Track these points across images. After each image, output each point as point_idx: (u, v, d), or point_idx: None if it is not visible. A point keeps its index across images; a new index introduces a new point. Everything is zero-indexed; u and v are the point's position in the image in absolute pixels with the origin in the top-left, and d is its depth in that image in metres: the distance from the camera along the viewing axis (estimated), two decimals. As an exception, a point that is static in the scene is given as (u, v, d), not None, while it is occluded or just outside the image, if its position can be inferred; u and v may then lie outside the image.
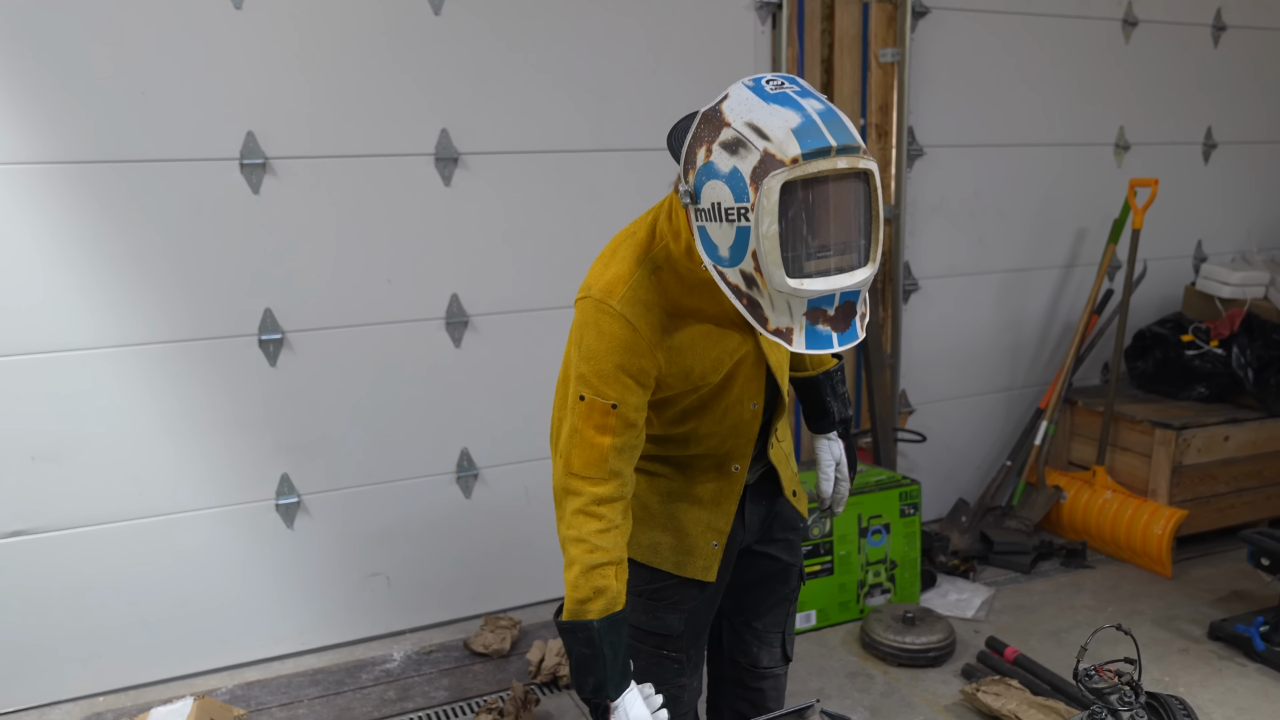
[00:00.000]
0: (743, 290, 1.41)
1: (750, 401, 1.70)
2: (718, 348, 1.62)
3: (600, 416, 1.54)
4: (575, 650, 1.56)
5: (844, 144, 1.34)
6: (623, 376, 1.53)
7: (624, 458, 1.57)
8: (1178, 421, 3.72)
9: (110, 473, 2.87)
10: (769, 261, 1.33)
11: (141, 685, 3.00)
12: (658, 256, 1.56)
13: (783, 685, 2.00)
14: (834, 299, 1.37)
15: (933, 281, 3.95)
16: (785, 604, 1.95)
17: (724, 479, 1.77)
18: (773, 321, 1.39)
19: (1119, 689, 1.74)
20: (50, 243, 2.71)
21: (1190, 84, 4.30)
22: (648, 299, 1.54)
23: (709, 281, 1.52)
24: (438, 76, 3.04)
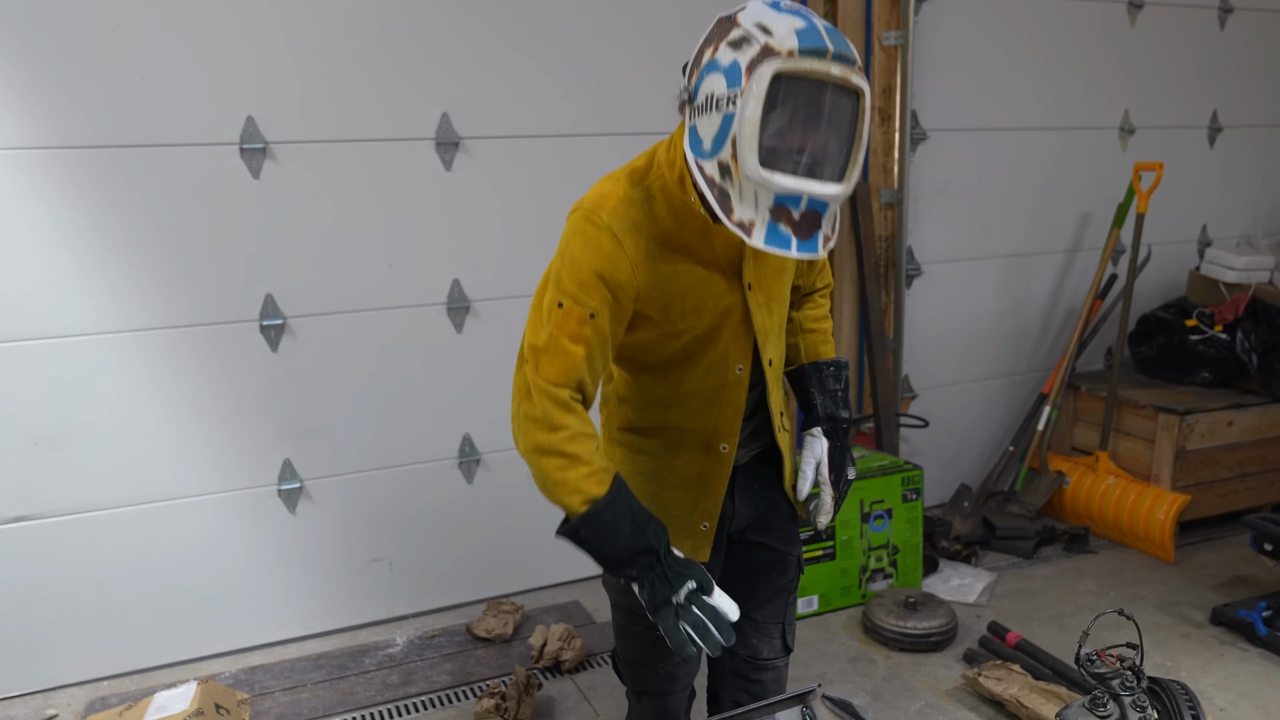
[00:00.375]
0: (716, 182, 1.41)
1: (736, 364, 1.68)
2: (701, 289, 1.61)
3: (576, 325, 1.54)
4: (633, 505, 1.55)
5: (841, 52, 1.36)
6: (602, 287, 1.54)
7: (593, 372, 1.58)
8: (1181, 406, 3.71)
9: (112, 458, 2.88)
10: (745, 146, 1.34)
11: (145, 670, 3.01)
12: (652, 185, 1.58)
13: (783, 677, 1.98)
14: (800, 201, 1.37)
15: (936, 266, 3.93)
16: (784, 594, 1.91)
17: (711, 458, 1.74)
18: (737, 213, 1.39)
19: (1121, 674, 1.74)
20: (51, 228, 2.71)
21: (1196, 67, 4.27)
22: (636, 219, 1.55)
23: (700, 218, 1.55)
24: (439, 60, 3.02)
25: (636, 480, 1.76)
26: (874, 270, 3.75)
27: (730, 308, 1.64)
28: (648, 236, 1.56)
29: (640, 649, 1.89)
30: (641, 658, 1.91)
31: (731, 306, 1.64)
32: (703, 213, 1.55)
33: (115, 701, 2.84)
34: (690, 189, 1.54)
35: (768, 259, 1.66)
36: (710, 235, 1.58)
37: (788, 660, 1.99)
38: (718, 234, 1.59)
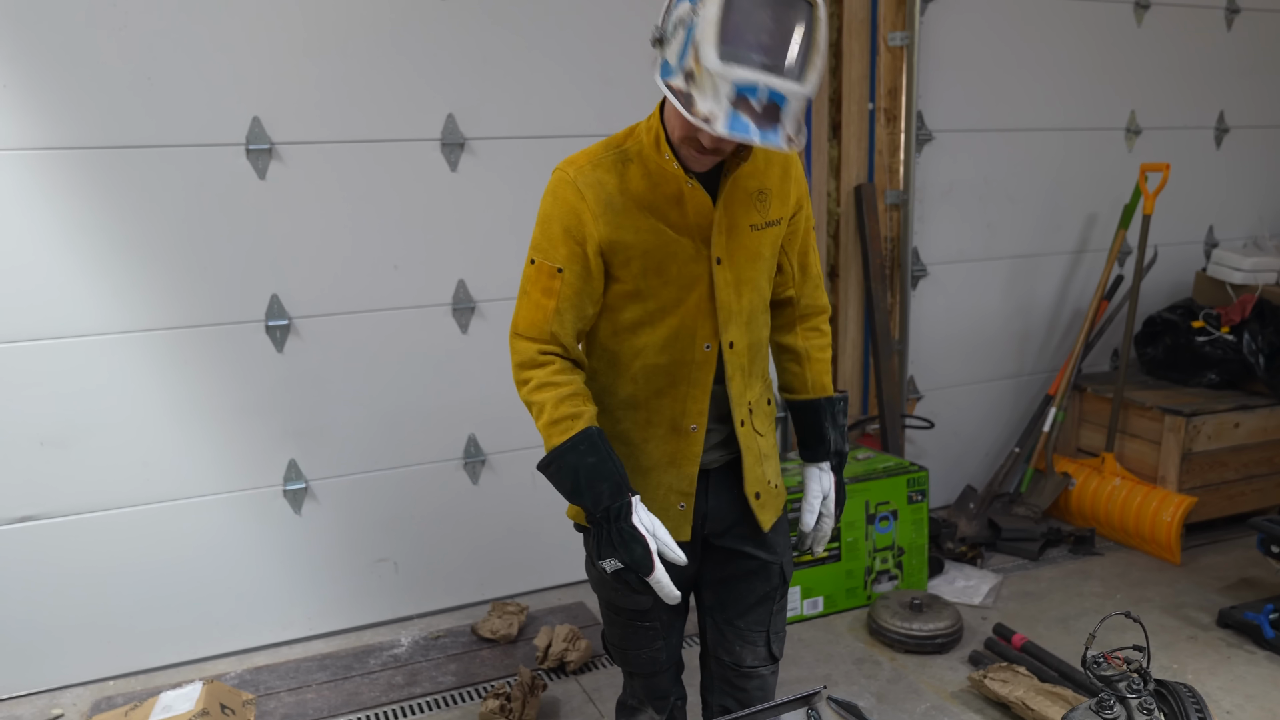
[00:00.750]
0: (682, 90, 1.46)
1: (703, 342, 1.71)
2: (665, 251, 1.66)
3: (546, 279, 1.65)
4: (580, 462, 1.61)
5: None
6: (569, 241, 1.63)
7: (565, 326, 1.66)
8: (1188, 408, 3.70)
9: (118, 458, 2.88)
10: (705, 42, 1.40)
11: (151, 670, 3.02)
12: (629, 149, 1.66)
13: (770, 685, 1.95)
14: (759, 92, 1.41)
15: (941, 267, 3.93)
16: (768, 602, 1.89)
17: (680, 439, 1.76)
18: (701, 107, 1.43)
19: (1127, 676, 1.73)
20: (58, 229, 2.71)
21: (1203, 67, 4.26)
22: (604, 177, 1.64)
23: (674, 181, 1.63)
24: (444, 61, 3.02)
25: None
26: (879, 271, 3.74)
27: (697, 279, 1.68)
28: (613, 192, 1.64)
29: (622, 635, 1.92)
30: (624, 642, 1.94)
31: (698, 278, 1.68)
32: (676, 171, 1.61)
33: (121, 701, 2.84)
34: (665, 148, 1.61)
35: (741, 239, 1.69)
36: (683, 202, 1.64)
37: (775, 669, 1.96)
38: (689, 200, 1.64)
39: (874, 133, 3.70)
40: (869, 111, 3.68)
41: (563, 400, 1.63)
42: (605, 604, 1.93)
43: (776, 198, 1.73)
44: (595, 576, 1.91)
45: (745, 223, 1.70)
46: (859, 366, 3.88)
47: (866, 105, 3.67)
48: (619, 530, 1.58)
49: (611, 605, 1.90)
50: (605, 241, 1.64)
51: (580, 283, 1.65)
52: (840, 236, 3.73)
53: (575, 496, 1.63)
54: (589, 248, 1.64)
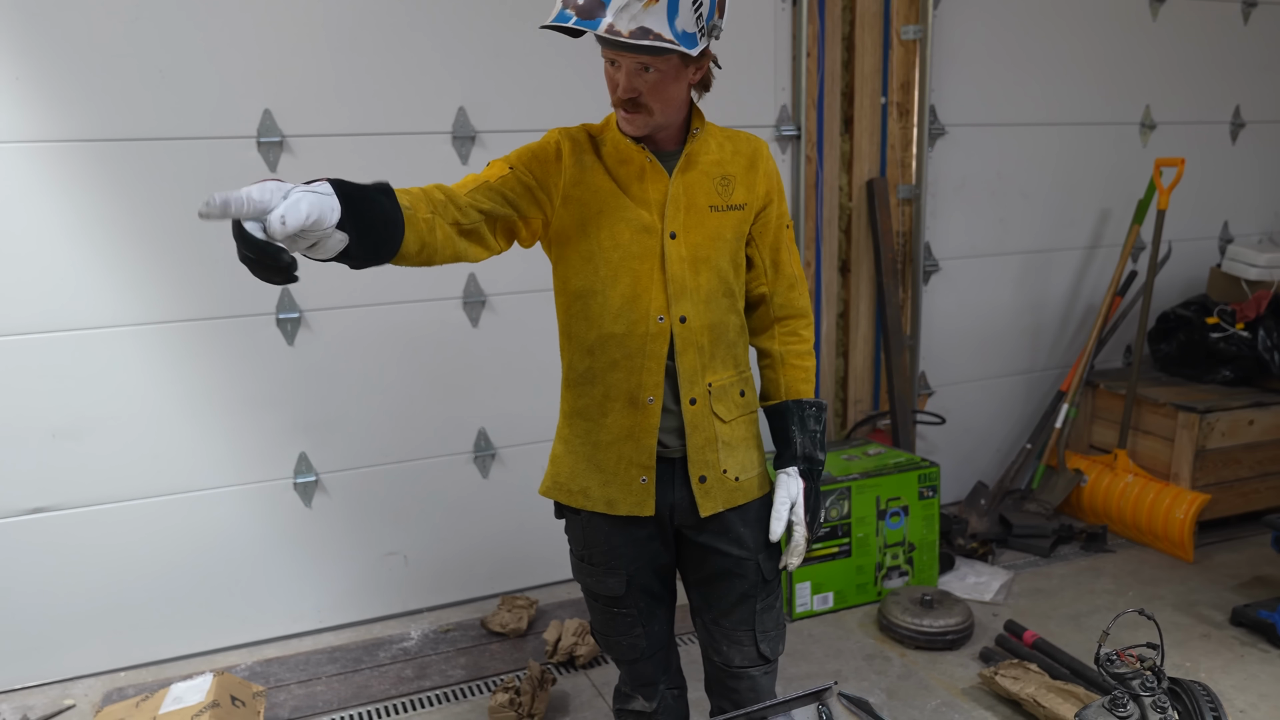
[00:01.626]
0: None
1: (656, 314, 1.73)
2: (619, 215, 1.73)
3: (499, 166, 1.73)
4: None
5: None
6: (533, 161, 1.73)
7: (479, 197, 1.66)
8: (1201, 405, 3.67)
9: (130, 451, 2.89)
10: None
11: (162, 661, 3.03)
12: (604, 133, 1.78)
13: (763, 686, 1.93)
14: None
15: (953, 262, 3.91)
16: (749, 601, 1.86)
17: (638, 412, 1.76)
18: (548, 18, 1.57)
19: (1141, 674, 1.72)
20: (70, 221, 2.72)
21: (1219, 62, 4.23)
22: (584, 142, 1.76)
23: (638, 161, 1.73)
24: (455, 54, 3.02)
25: (575, 443, 1.83)
26: (891, 266, 3.73)
27: (649, 251, 1.73)
28: (589, 156, 1.75)
29: (603, 621, 1.94)
30: (605, 629, 1.95)
31: (650, 250, 1.73)
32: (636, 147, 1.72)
33: (132, 692, 2.85)
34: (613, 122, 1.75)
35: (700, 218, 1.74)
36: (644, 178, 1.73)
37: (769, 669, 1.94)
38: (650, 176, 1.73)
39: (886, 127, 3.69)
40: (881, 106, 3.66)
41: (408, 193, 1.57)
42: (584, 590, 1.95)
43: (741, 185, 1.78)
44: (574, 563, 1.95)
45: (705, 203, 1.75)
46: (870, 362, 3.86)
47: (879, 99, 3.65)
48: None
49: (589, 591, 1.93)
50: (566, 189, 1.73)
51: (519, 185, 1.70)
52: (852, 231, 3.71)
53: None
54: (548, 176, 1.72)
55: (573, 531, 1.91)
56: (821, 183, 3.61)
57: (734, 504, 1.83)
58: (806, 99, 3.52)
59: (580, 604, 3.32)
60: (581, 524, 1.86)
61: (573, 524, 1.90)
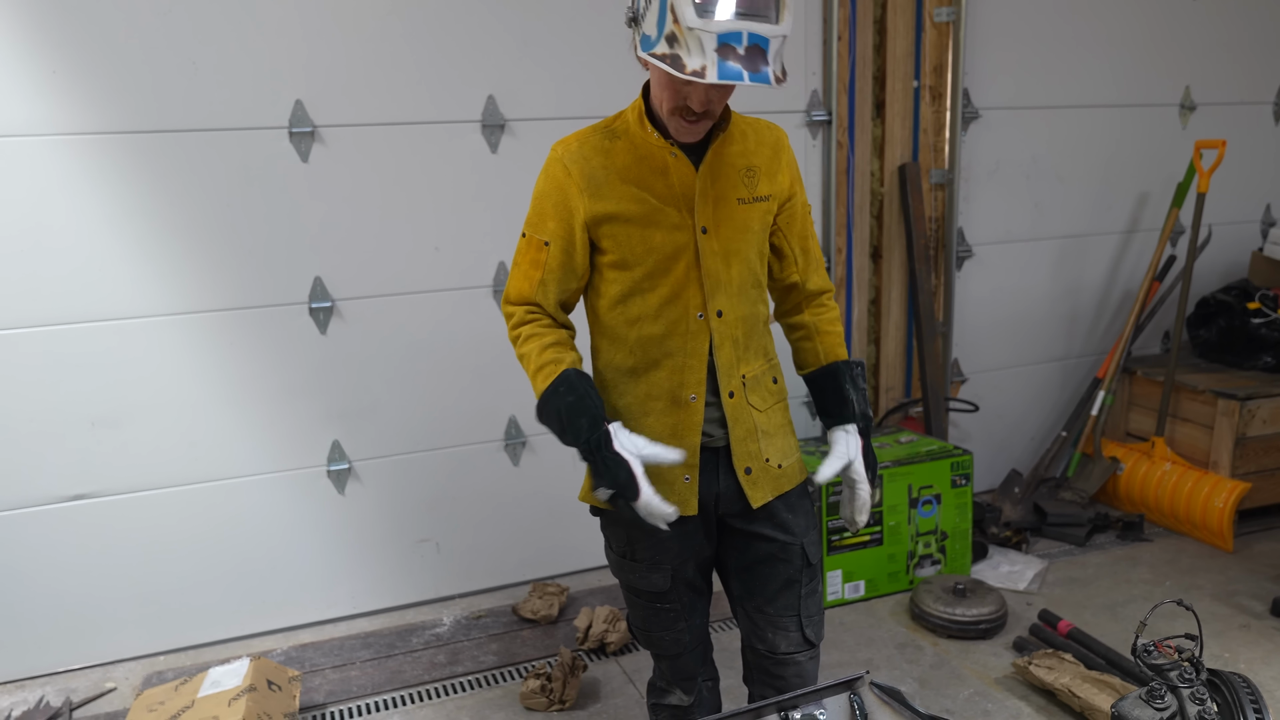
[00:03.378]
0: (667, 54, 1.52)
1: (695, 310, 1.73)
2: (651, 221, 1.71)
3: (535, 252, 1.75)
4: (560, 403, 1.68)
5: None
6: (557, 216, 1.73)
7: (549, 294, 1.76)
8: (1242, 392, 3.61)
9: (167, 438, 2.93)
10: (682, 4, 1.47)
11: (199, 645, 3.08)
12: (617, 128, 1.75)
13: (809, 671, 1.92)
14: (741, 38, 1.49)
15: (987, 248, 3.86)
16: (794, 586, 1.85)
17: (680, 410, 1.76)
18: (689, 64, 1.49)
19: (1179, 665, 1.69)
20: (106, 212, 2.76)
21: (1260, 41, 4.13)
22: (591, 155, 1.72)
23: (659, 155, 1.70)
24: (484, 43, 3.02)
25: None
26: (923, 252, 3.69)
27: (683, 248, 1.72)
28: (598, 168, 1.71)
29: (644, 617, 1.93)
30: (646, 624, 1.94)
31: (684, 247, 1.72)
32: (659, 142, 1.69)
33: (171, 676, 2.91)
34: (648, 125, 1.69)
35: (728, 210, 1.73)
36: (668, 174, 1.71)
37: (814, 654, 1.93)
38: (674, 171, 1.70)
39: (919, 111, 3.64)
40: (914, 89, 3.62)
41: (546, 349, 1.72)
42: (625, 587, 1.94)
43: (765, 175, 1.77)
44: (614, 561, 1.93)
45: (732, 195, 1.74)
46: (902, 349, 3.83)
47: (911, 83, 3.61)
48: (603, 459, 1.64)
49: (630, 588, 1.91)
50: (590, 215, 1.71)
51: (565, 256, 1.73)
52: (883, 217, 3.68)
53: (564, 437, 1.68)
54: (575, 222, 1.72)
55: (612, 530, 1.90)
56: (853, 168, 3.58)
57: (781, 490, 1.84)
58: (838, 83, 3.48)
59: (611, 591, 3.33)
60: (624, 522, 1.82)
61: (613, 522, 1.88)
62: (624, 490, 1.63)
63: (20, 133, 2.64)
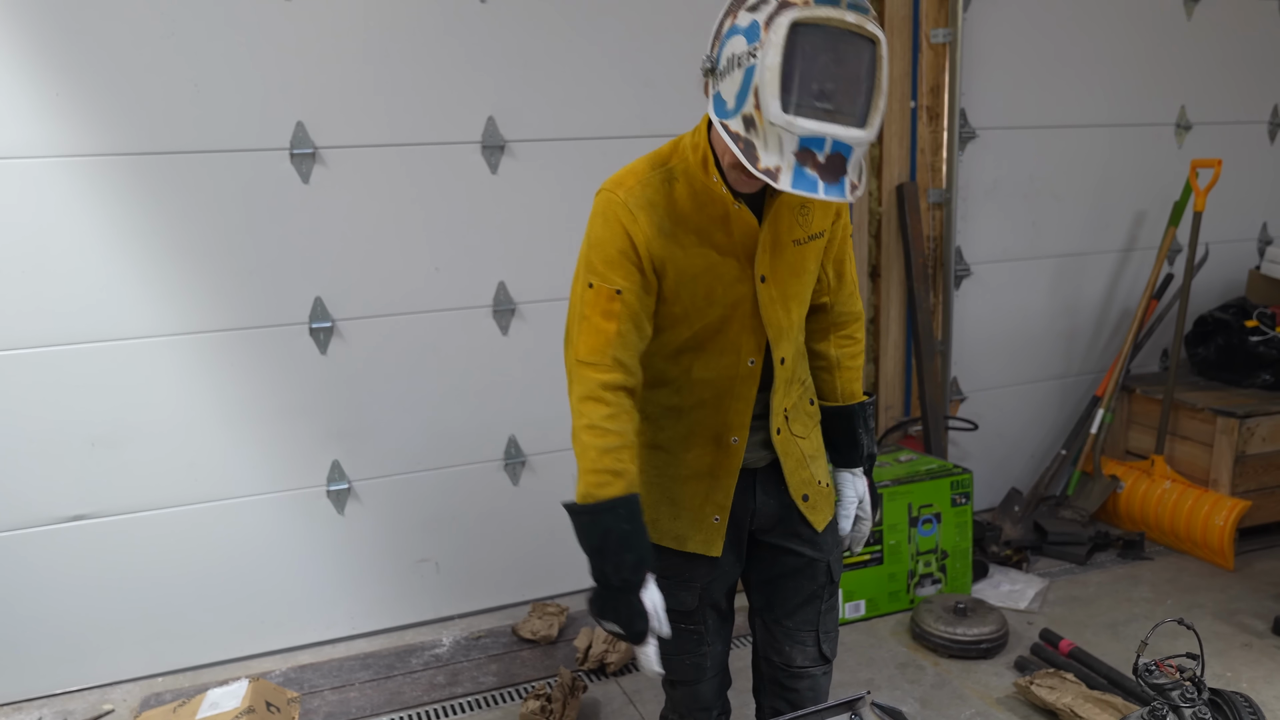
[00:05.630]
0: (741, 135, 1.43)
1: (748, 357, 1.70)
2: (712, 274, 1.64)
3: (606, 302, 1.60)
4: (616, 527, 1.57)
5: (854, 2, 1.40)
6: (625, 263, 1.60)
7: (629, 348, 1.62)
8: (1241, 409, 3.61)
9: (166, 459, 2.93)
10: (767, 93, 1.37)
11: (198, 667, 3.07)
12: (675, 168, 1.63)
13: (822, 686, 1.93)
14: (824, 144, 1.38)
15: (985, 266, 3.87)
16: (815, 601, 1.87)
17: (721, 451, 1.75)
18: (764, 160, 1.40)
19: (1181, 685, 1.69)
20: (107, 234, 2.77)
21: (1256, 61, 4.16)
22: (651, 197, 1.61)
23: (720, 203, 1.60)
24: (484, 64, 3.04)
25: (650, 474, 1.78)
26: (922, 271, 3.70)
27: (742, 298, 1.67)
28: (663, 215, 1.61)
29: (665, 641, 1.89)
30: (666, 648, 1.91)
31: (743, 297, 1.67)
32: (723, 193, 1.59)
33: (169, 697, 2.89)
34: (713, 170, 1.58)
35: (785, 255, 1.67)
36: (729, 222, 1.62)
37: (828, 669, 1.94)
38: (735, 221, 1.62)
39: (916, 131, 3.66)
40: (911, 109, 3.64)
41: (607, 451, 1.58)
42: None
43: (819, 209, 1.71)
44: None
45: (789, 238, 1.67)
46: (901, 367, 3.84)
47: (908, 103, 3.63)
48: (627, 602, 1.57)
49: None
50: (659, 261, 1.62)
51: (639, 303, 1.62)
52: (882, 236, 3.69)
53: (596, 555, 1.58)
54: (645, 267, 1.61)
55: None
56: (851, 188, 3.59)
57: (832, 506, 1.89)
58: (835, 104, 3.50)
59: (611, 611, 3.31)
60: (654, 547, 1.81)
61: None
62: (634, 638, 1.59)
63: (23, 154, 2.65)
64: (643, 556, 1.59)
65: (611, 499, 1.57)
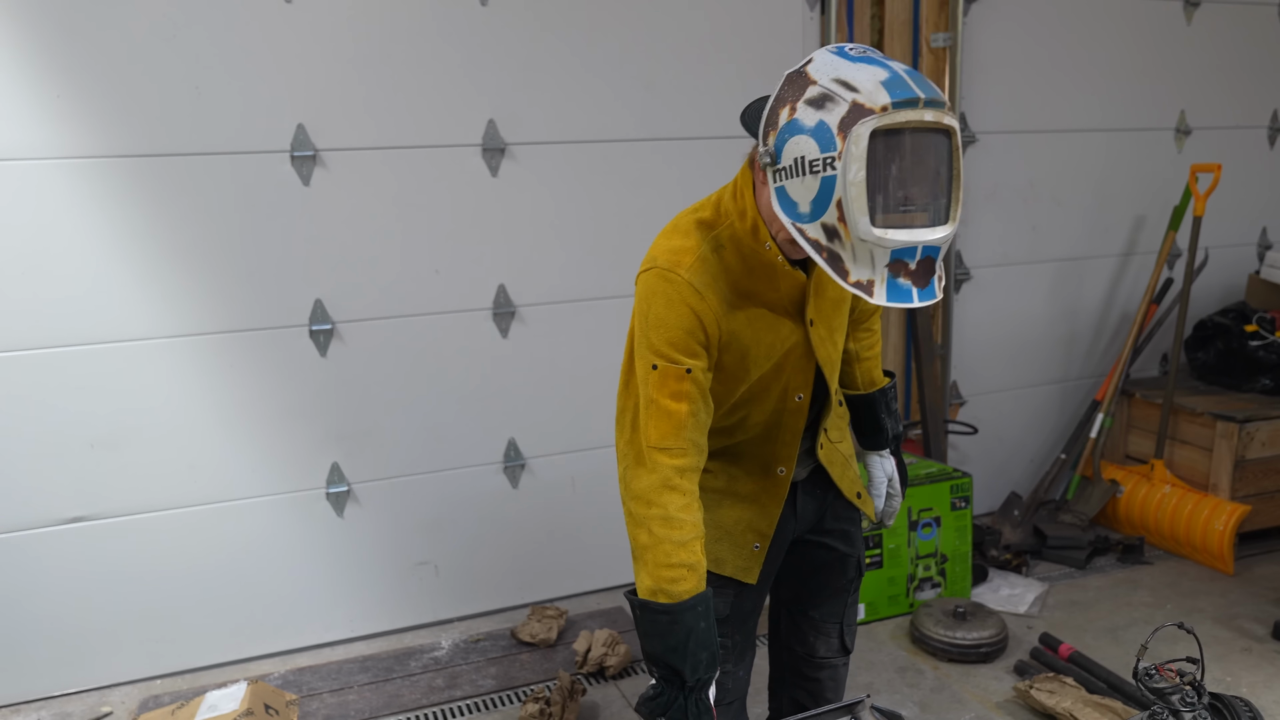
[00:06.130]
0: (823, 244, 1.39)
1: (796, 393, 1.69)
2: (772, 333, 1.62)
3: (675, 383, 1.53)
4: (695, 626, 1.52)
5: (931, 98, 1.36)
6: (693, 343, 1.54)
7: (700, 428, 1.57)
8: (1240, 414, 3.61)
9: (166, 461, 2.93)
10: (854, 209, 1.33)
11: (196, 669, 3.06)
12: (721, 235, 1.57)
13: (841, 676, 1.98)
14: (916, 253, 1.37)
15: (985, 271, 3.87)
16: (843, 594, 1.92)
17: (769, 480, 1.75)
18: (854, 274, 1.38)
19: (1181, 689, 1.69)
20: (108, 235, 2.76)
21: (1255, 66, 4.17)
22: (715, 272, 1.55)
23: (769, 264, 1.55)
24: (485, 67, 3.04)
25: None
26: (922, 275, 3.70)
27: (794, 345, 1.65)
28: (725, 287, 1.56)
29: None
30: None
31: (795, 344, 1.65)
32: (777, 260, 1.55)
33: (168, 700, 2.89)
34: (765, 238, 1.54)
35: (827, 293, 1.66)
36: (776, 278, 1.58)
37: (847, 661, 1.99)
38: (783, 276, 1.58)
39: (916, 135, 3.66)
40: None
41: (682, 545, 1.52)
42: None
43: None
44: None
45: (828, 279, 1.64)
46: (901, 371, 3.84)
47: (908, 107, 3.63)
48: (696, 701, 1.54)
49: None
50: (726, 336, 1.58)
51: (705, 380, 1.58)
52: (882, 240, 3.69)
53: (672, 655, 1.52)
54: (712, 346, 1.57)
55: None
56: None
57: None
58: (835, 108, 3.50)
59: (610, 614, 3.31)
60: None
61: None
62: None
63: (24, 156, 2.65)
64: (714, 654, 1.55)
65: (692, 598, 1.52)
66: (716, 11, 3.25)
